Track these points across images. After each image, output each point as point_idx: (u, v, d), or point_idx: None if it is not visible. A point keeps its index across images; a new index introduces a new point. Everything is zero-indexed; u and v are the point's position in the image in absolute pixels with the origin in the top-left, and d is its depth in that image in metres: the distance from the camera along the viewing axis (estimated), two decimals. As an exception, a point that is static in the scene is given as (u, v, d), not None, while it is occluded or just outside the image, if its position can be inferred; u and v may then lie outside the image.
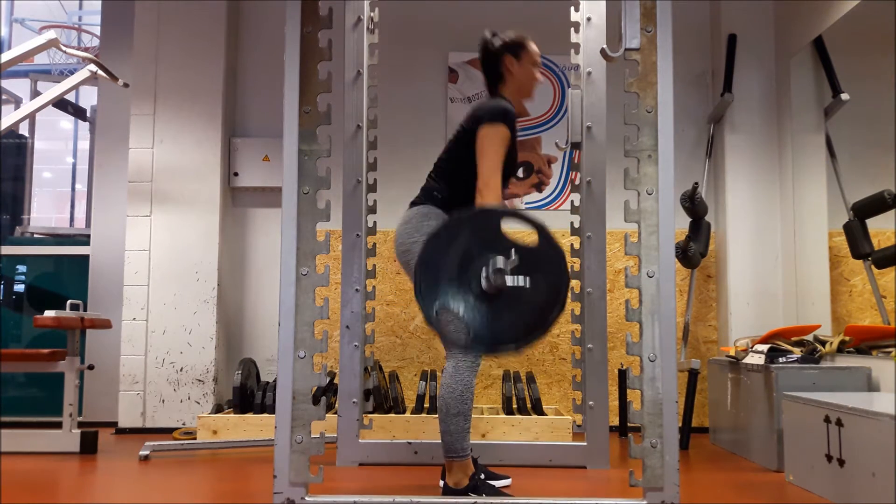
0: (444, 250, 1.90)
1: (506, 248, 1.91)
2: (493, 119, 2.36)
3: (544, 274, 1.91)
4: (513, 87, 2.56)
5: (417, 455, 3.04)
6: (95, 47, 5.90)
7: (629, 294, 4.06)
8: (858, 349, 3.15)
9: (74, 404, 3.28)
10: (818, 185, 3.73)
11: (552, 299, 1.91)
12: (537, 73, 2.60)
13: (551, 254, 1.92)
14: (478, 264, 1.90)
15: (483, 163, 2.32)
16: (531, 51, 2.57)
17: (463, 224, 1.93)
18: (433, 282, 1.89)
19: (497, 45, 2.55)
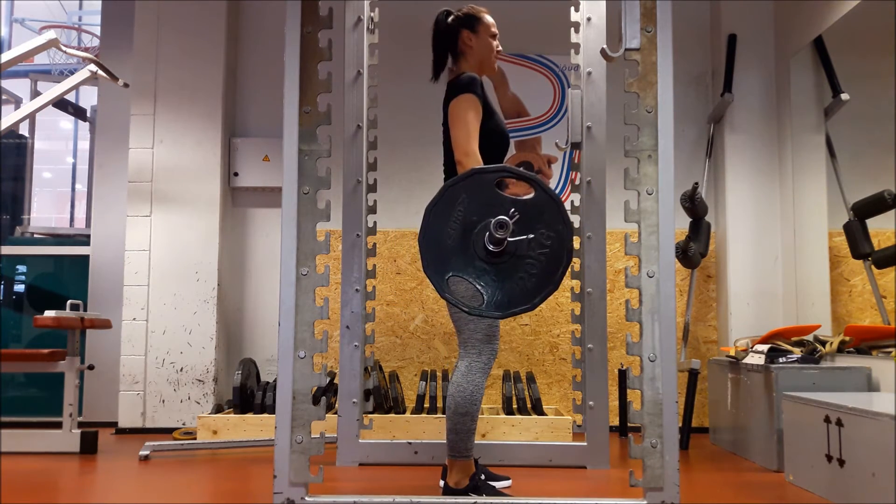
0: (444, 219, 1.91)
1: (504, 206, 1.90)
2: (457, 91, 2.38)
3: (546, 226, 1.91)
4: (473, 62, 2.55)
5: (417, 455, 3.04)
6: (95, 47, 5.90)
7: (629, 294, 4.06)
8: (858, 349, 3.15)
9: (74, 404, 3.28)
10: (818, 185, 3.73)
11: (558, 250, 1.91)
12: (496, 44, 2.58)
13: (550, 205, 1.92)
14: (479, 227, 1.90)
15: (456, 134, 2.33)
16: (487, 22, 2.55)
17: (458, 189, 1.93)
18: (438, 252, 1.90)
19: (451, 21, 2.55)
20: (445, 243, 1.90)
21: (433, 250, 1.90)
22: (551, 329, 4.13)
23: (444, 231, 1.90)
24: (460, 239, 1.90)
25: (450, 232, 1.90)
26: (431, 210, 1.92)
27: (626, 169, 2.17)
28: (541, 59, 4.29)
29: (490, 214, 1.89)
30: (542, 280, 1.90)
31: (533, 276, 1.90)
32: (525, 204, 1.92)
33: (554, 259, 1.91)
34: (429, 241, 1.90)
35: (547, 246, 1.90)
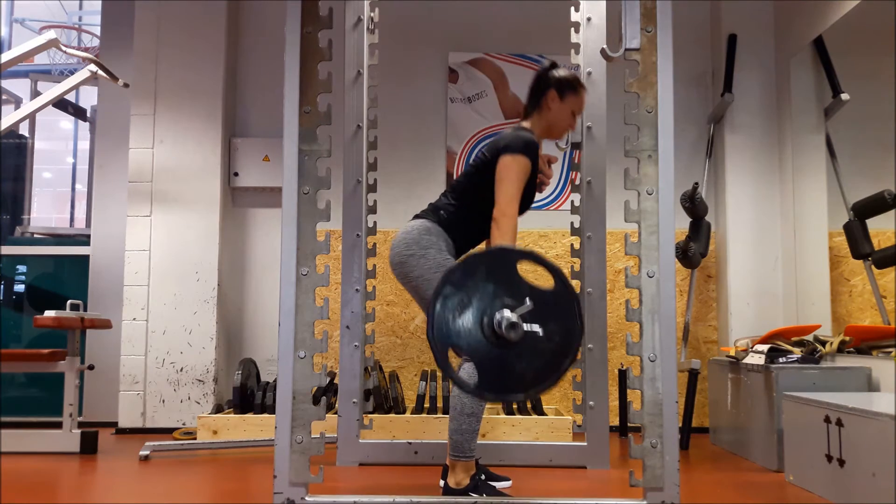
0: (460, 290, 1.86)
1: (521, 291, 1.86)
2: (515, 150, 2.34)
3: (558, 321, 1.86)
4: (544, 123, 2.54)
5: (417, 455, 3.04)
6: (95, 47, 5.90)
7: (629, 294, 4.06)
8: (858, 349, 3.15)
9: (74, 404, 3.28)
10: (818, 185, 3.73)
11: (565, 348, 1.86)
12: (573, 121, 2.57)
13: (566, 299, 1.87)
14: (492, 307, 1.85)
15: (501, 191, 2.30)
16: (578, 97, 2.54)
17: (479, 263, 1.88)
18: (445, 322, 1.85)
19: (548, 76, 2.52)
20: (455, 314, 1.85)
21: (442, 318, 1.85)
22: (551, 329, 4.13)
23: (457, 302, 1.85)
24: (471, 313, 1.85)
25: (462, 304, 1.85)
26: (449, 276, 1.87)
27: (626, 169, 2.17)
28: (541, 59, 4.29)
29: (507, 296, 1.85)
30: (542, 374, 1.86)
31: (534, 368, 1.85)
32: (542, 294, 1.87)
33: (559, 355, 1.86)
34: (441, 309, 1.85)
35: (555, 341, 1.85)
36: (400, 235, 2.43)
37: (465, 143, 4.26)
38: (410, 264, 2.36)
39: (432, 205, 2.52)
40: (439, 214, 2.46)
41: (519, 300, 1.85)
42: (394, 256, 2.41)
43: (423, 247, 2.36)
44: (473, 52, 4.30)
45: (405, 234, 2.42)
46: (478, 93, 4.29)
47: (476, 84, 4.29)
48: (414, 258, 2.35)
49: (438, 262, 2.35)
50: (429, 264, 2.34)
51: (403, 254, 2.38)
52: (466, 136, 4.26)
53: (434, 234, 2.39)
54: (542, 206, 4.23)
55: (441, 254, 2.37)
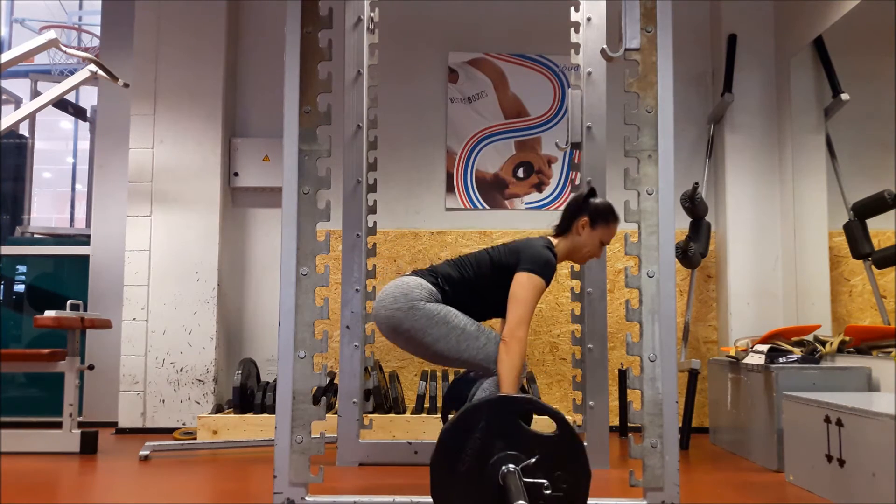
0: (461, 443, 1.82)
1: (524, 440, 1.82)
2: (535, 269, 2.30)
3: (564, 467, 1.82)
4: (570, 245, 2.50)
5: (417, 455, 3.04)
6: (95, 47, 5.90)
7: (629, 294, 4.06)
8: (858, 349, 3.15)
9: (74, 404, 3.28)
10: (818, 185, 3.73)
11: (572, 497, 1.82)
12: (599, 251, 2.54)
13: (571, 444, 1.84)
14: (495, 460, 1.81)
15: (514, 311, 2.26)
16: (608, 229, 2.50)
17: (480, 414, 1.84)
18: (449, 478, 1.81)
19: (585, 203, 2.49)
20: (458, 469, 1.82)
21: (445, 476, 1.82)
22: (551, 329, 4.13)
23: (458, 457, 1.82)
24: (473, 467, 1.81)
25: (464, 458, 1.82)
26: (447, 434, 1.83)
27: (626, 169, 2.17)
28: (541, 59, 4.29)
29: (510, 448, 1.81)
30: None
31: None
32: (545, 441, 1.83)
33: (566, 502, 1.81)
34: (441, 465, 1.82)
35: (562, 490, 1.81)
36: (388, 289, 2.35)
37: (465, 142, 4.26)
38: (398, 318, 2.28)
39: (432, 267, 2.45)
40: (436, 279, 2.39)
41: (522, 450, 1.81)
42: (380, 310, 2.33)
43: (411, 299, 2.29)
44: (473, 52, 4.30)
45: (394, 287, 2.34)
46: (478, 93, 4.29)
47: (476, 84, 4.29)
48: (401, 312, 2.28)
49: (427, 309, 2.28)
50: (417, 315, 2.27)
51: (390, 308, 2.30)
52: (466, 136, 4.26)
53: (426, 291, 2.32)
54: (542, 206, 4.23)
55: (430, 304, 2.30)
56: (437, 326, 2.27)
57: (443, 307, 2.31)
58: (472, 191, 4.24)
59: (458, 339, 2.27)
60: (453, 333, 2.27)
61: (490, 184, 4.24)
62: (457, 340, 2.27)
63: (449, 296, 2.37)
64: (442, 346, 2.28)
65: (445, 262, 2.47)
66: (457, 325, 2.28)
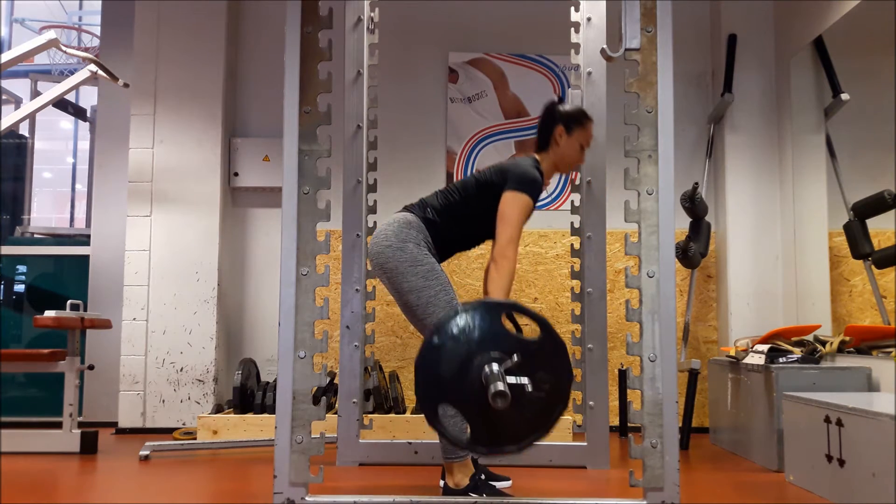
0: (445, 346, 1.85)
1: (507, 344, 1.85)
2: (522, 187, 2.33)
3: (547, 369, 1.86)
4: (553, 158, 2.53)
5: (417, 455, 3.04)
6: (95, 47, 5.90)
7: (629, 294, 4.06)
8: (858, 349, 3.15)
9: (74, 404, 3.28)
10: (818, 185, 3.73)
11: (554, 398, 1.86)
12: (582, 155, 2.57)
13: (553, 349, 1.87)
14: (479, 362, 1.84)
15: (503, 231, 2.29)
16: (585, 131, 2.53)
17: (465, 317, 1.87)
18: (434, 378, 1.84)
19: (555, 112, 2.52)
20: (443, 370, 1.85)
21: (430, 375, 1.84)
22: (551, 329, 4.13)
23: (443, 357, 1.85)
24: (458, 368, 1.84)
25: (450, 359, 1.85)
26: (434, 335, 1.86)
27: (626, 169, 2.17)
28: (541, 59, 4.29)
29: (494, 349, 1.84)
30: (533, 424, 1.86)
31: (525, 420, 1.85)
32: (529, 345, 1.87)
33: (549, 406, 1.86)
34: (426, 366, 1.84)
35: (544, 391, 1.85)
36: (381, 227, 2.42)
37: (465, 142, 4.26)
38: (386, 255, 2.33)
39: (422, 200, 2.50)
40: (426, 211, 2.44)
41: (506, 353, 1.84)
42: (372, 247, 2.39)
43: (402, 240, 2.33)
44: (473, 52, 4.30)
45: (386, 226, 2.40)
46: (478, 93, 4.29)
47: (476, 84, 4.29)
48: (391, 249, 2.33)
49: (415, 256, 2.32)
50: (404, 257, 2.31)
51: (381, 244, 2.35)
52: (466, 136, 4.26)
53: (414, 229, 2.37)
54: (542, 206, 4.23)
55: (419, 248, 2.34)
56: (417, 277, 2.30)
57: (431, 261, 2.34)
58: (472, 191, 4.23)
59: (429, 300, 2.29)
60: (426, 291, 2.29)
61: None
62: (426, 301, 2.29)
63: (437, 224, 2.41)
64: (412, 299, 2.30)
65: (434, 193, 2.52)
66: (433, 285, 2.30)
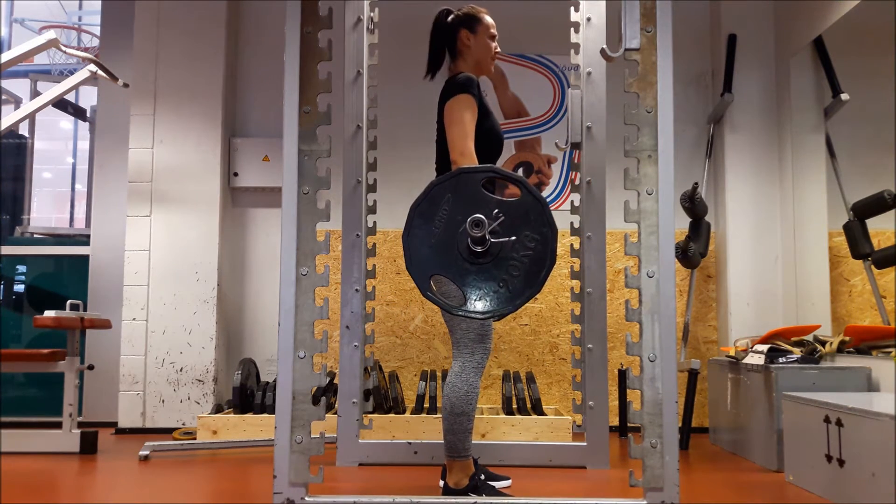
0: (429, 218, 1.90)
1: (488, 207, 1.90)
2: (454, 91, 2.38)
3: (531, 228, 1.91)
4: (470, 62, 2.55)
5: (417, 455, 3.04)
6: (95, 47, 5.90)
7: (629, 294, 4.06)
8: (858, 349, 3.15)
9: (74, 404, 3.28)
10: (818, 185, 3.73)
11: (542, 253, 1.91)
12: (494, 45, 2.58)
13: (535, 207, 1.92)
14: (464, 227, 1.89)
15: (452, 133, 2.34)
16: (486, 23, 2.55)
17: (443, 188, 1.92)
18: (422, 251, 1.89)
19: (451, 20, 2.55)
20: (429, 242, 1.89)
21: (417, 249, 1.89)
22: (551, 329, 4.13)
23: (428, 230, 1.90)
24: (444, 238, 1.89)
25: (434, 231, 1.90)
26: (416, 208, 1.91)
27: (626, 169, 2.17)
28: (541, 59, 4.29)
29: (476, 212, 1.90)
30: (525, 282, 1.90)
31: (516, 279, 1.89)
32: (510, 206, 1.91)
33: (537, 261, 1.91)
34: (412, 240, 1.89)
35: (531, 248, 1.90)
36: None
37: (465, 143, 4.25)
38: None
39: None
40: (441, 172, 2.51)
41: (488, 215, 1.89)
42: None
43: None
44: (473, 52, 4.29)
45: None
46: (478, 93, 4.28)
47: (476, 84, 4.28)
48: None
49: None
50: None
51: None
52: (466, 136, 4.26)
53: None
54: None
55: None
56: None
57: None
58: (472, 191, 4.23)
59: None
60: None
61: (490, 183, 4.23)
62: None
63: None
64: None
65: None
66: None
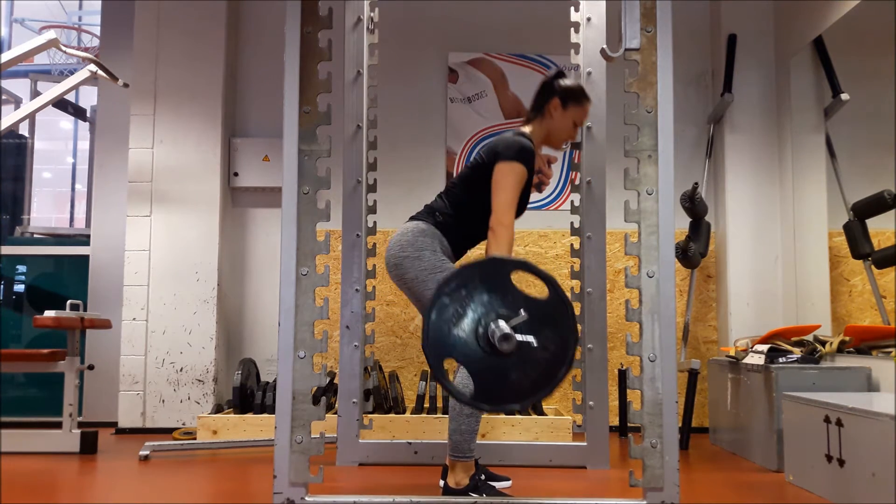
0: (455, 300, 1.85)
1: (515, 302, 1.85)
2: (511, 157, 2.33)
3: (553, 329, 1.86)
4: (544, 130, 2.53)
5: (417, 455, 3.04)
6: (95, 47, 5.90)
7: (629, 294, 4.06)
8: (858, 349, 3.15)
9: (74, 404, 3.28)
10: (818, 185, 3.73)
11: (560, 356, 1.86)
12: (574, 132, 2.56)
13: (561, 308, 1.87)
14: (486, 317, 1.84)
15: (498, 199, 2.30)
16: (580, 108, 2.52)
17: (473, 273, 1.87)
18: (440, 332, 1.84)
19: (554, 84, 2.51)
20: (450, 324, 1.84)
21: (437, 329, 1.84)
22: (551, 329, 4.12)
23: (451, 312, 1.84)
24: (466, 324, 1.84)
25: (457, 314, 1.84)
26: (443, 287, 1.86)
27: (626, 169, 2.17)
28: (541, 59, 4.29)
29: (501, 306, 1.85)
30: (538, 383, 1.85)
31: (529, 378, 1.85)
32: (536, 304, 1.86)
33: (554, 364, 1.86)
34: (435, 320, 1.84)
35: (550, 350, 1.85)
36: (395, 237, 2.43)
37: (465, 143, 4.26)
38: (405, 266, 2.36)
39: (428, 206, 2.52)
40: (435, 216, 2.45)
41: (513, 310, 1.84)
42: (389, 258, 2.42)
43: (418, 248, 2.36)
44: (473, 52, 4.30)
45: (400, 235, 2.42)
46: (477, 93, 4.29)
47: (476, 84, 4.29)
48: (409, 260, 2.36)
49: (433, 263, 2.35)
50: (423, 265, 2.34)
51: (398, 255, 2.38)
52: (466, 136, 4.26)
53: (429, 236, 2.40)
54: (542, 206, 4.23)
55: (436, 255, 2.37)
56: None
57: (450, 266, 2.37)
58: (472, 191, 4.23)
59: None
60: None
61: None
62: None
63: (450, 225, 2.44)
64: None
65: (436, 197, 2.54)
66: None
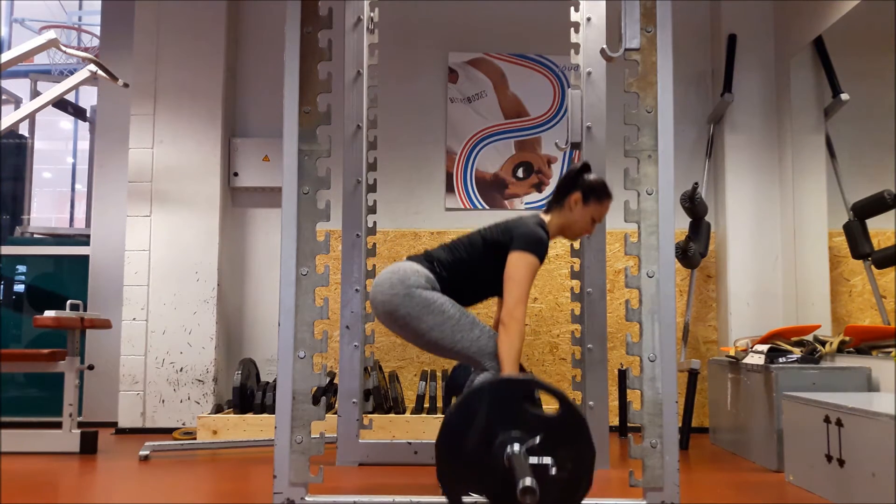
0: (466, 426, 1.81)
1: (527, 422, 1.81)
2: (527, 248, 2.30)
3: (568, 446, 1.82)
4: (562, 220, 2.48)
5: (417, 455, 3.04)
6: (95, 47, 5.90)
7: (629, 294, 4.06)
8: (858, 349, 3.15)
9: (74, 404, 3.28)
10: (818, 185, 3.73)
11: (577, 477, 1.81)
12: (591, 228, 2.52)
13: (574, 425, 1.83)
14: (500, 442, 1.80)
15: (511, 293, 2.26)
16: (601, 206, 2.48)
17: (483, 397, 1.83)
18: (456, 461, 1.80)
19: (578, 178, 2.47)
20: (464, 451, 1.81)
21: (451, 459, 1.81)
22: (551, 329, 4.13)
23: (464, 438, 1.81)
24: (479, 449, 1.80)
25: (469, 440, 1.81)
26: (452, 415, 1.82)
27: (626, 169, 2.17)
28: (541, 59, 4.29)
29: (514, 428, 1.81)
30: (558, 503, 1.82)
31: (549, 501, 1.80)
32: (550, 422, 1.83)
33: (573, 483, 1.81)
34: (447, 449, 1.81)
35: (567, 469, 1.81)
36: (384, 275, 2.35)
37: (465, 142, 4.26)
38: (394, 303, 2.28)
39: (428, 253, 2.44)
40: (432, 265, 2.38)
41: (526, 430, 1.81)
42: (376, 296, 2.33)
43: (408, 286, 2.28)
44: (473, 52, 4.30)
45: (390, 273, 2.34)
46: (477, 93, 4.29)
47: (476, 84, 4.29)
48: (398, 297, 2.28)
49: (425, 297, 2.28)
50: (414, 302, 2.27)
51: (387, 293, 2.30)
52: (466, 136, 4.26)
53: (423, 277, 2.32)
54: (542, 206, 4.22)
55: (427, 291, 2.30)
56: (433, 315, 2.27)
57: (439, 296, 2.31)
58: (471, 191, 4.24)
59: (453, 329, 2.27)
60: (448, 323, 2.27)
61: (490, 184, 4.24)
62: (451, 330, 2.27)
63: (445, 280, 2.37)
64: (436, 335, 2.28)
65: (440, 247, 2.47)
66: (452, 315, 2.28)
